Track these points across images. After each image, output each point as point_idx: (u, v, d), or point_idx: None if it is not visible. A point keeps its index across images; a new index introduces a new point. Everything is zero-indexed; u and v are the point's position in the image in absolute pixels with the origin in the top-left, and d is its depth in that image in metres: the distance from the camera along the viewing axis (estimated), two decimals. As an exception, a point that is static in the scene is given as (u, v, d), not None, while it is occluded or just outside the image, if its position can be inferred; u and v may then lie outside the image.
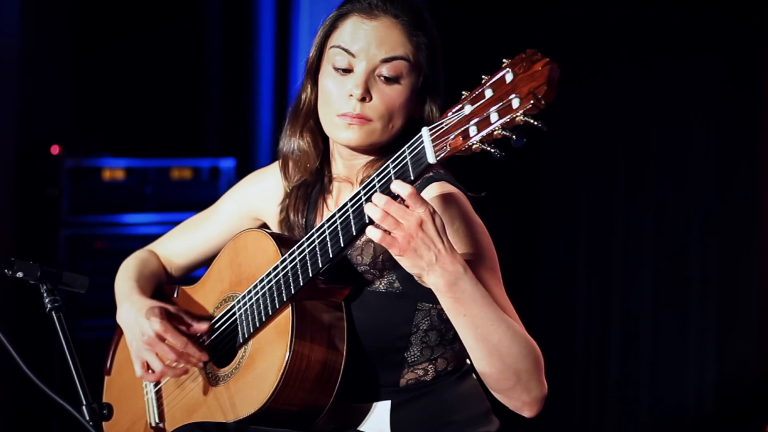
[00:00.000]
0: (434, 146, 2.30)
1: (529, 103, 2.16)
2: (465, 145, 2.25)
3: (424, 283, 2.42)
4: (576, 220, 5.57)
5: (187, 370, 2.76)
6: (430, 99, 2.65)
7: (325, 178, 2.75)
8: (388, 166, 2.38)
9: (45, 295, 2.64)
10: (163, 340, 2.73)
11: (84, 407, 2.51)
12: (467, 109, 2.25)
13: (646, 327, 5.34)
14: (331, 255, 2.48)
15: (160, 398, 2.88)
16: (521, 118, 2.18)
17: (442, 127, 2.29)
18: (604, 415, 5.49)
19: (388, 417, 2.63)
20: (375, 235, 2.37)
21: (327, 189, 2.76)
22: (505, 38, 5.29)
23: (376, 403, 2.64)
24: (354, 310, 2.61)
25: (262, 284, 2.61)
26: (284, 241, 2.64)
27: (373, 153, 2.66)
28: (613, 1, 5.40)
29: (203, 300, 2.83)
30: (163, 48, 6.06)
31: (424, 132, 2.32)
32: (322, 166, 2.75)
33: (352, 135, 2.60)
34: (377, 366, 2.62)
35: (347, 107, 2.59)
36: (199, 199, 5.57)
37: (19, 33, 5.28)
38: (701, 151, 5.23)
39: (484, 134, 2.22)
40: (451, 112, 2.29)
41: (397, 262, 2.41)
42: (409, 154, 2.34)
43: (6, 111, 5.24)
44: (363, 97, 2.58)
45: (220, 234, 2.95)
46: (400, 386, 2.63)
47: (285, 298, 2.55)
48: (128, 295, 2.86)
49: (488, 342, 2.41)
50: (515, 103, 2.18)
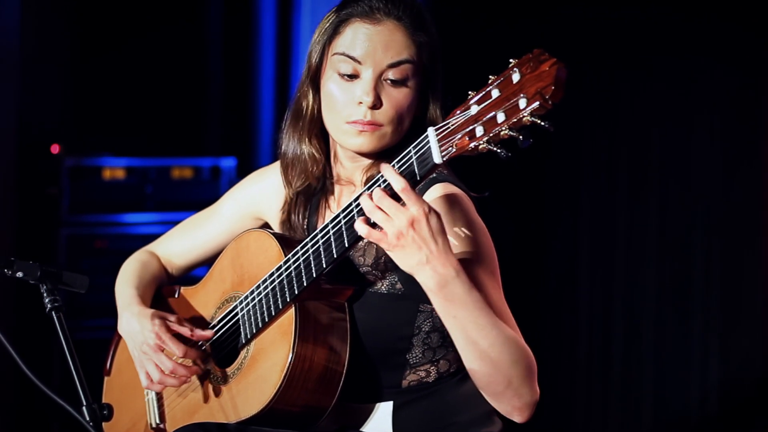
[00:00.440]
0: (440, 146, 2.29)
1: (536, 104, 2.15)
2: (471, 145, 2.24)
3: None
4: (579, 220, 5.57)
5: (189, 379, 2.75)
6: (432, 96, 2.65)
7: (327, 180, 2.75)
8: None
9: (45, 295, 2.64)
10: (162, 350, 2.72)
11: (84, 408, 2.50)
12: (474, 110, 2.25)
13: (649, 326, 5.34)
14: (335, 255, 2.47)
15: (160, 399, 2.88)
16: (528, 118, 2.17)
17: (449, 127, 2.28)
18: (607, 415, 5.48)
19: (390, 418, 2.62)
20: (362, 229, 2.35)
21: (329, 191, 2.75)
22: (507, 38, 5.29)
23: (378, 404, 2.63)
24: (356, 311, 2.60)
25: (265, 284, 2.60)
26: (287, 242, 2.63)
27: (379, 154, 2.65)
28: (615, 0, 5.39)
29: (205, 300, 2.82)
30: (163, 47, 6.05)
31: (430, 132, 2.31)
32: (324, 169, 2.74)
33: (364, 141, 2.60)
34: (379, 367, 2.61)
35: (357, 114, 2.58)
36: (200, 198, 5.56)
37: (19, 32, 5.27)
38: (704, 151, 5.23)
39: (491, 134, 2.21)
40: (458, 112, 2.27)
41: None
42: (415, 154, 2.33)
43: (6, 110, 5.24)
44: (374, 104, 2.57)
45: (221, 234, 2.94)
46: (403, 387, 2.63)
47: (288, 299, 2.55)
48: (128, 305, 2.85)
49: (477, 346, 2.40)
50: (522, 103, 2.17)
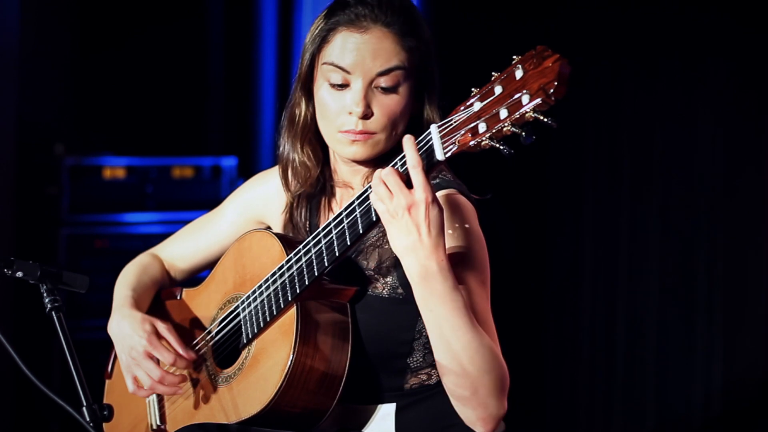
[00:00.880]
0: (443, 143, 2.29)
1: (538, 99, 2.15)
2: (474, 142, 2.23)
3: None
4: (581, 220, 5.56)
5: (179, 387, 2.73)
6: (428, 96, 2.63)
7: (327, 183, 2.74)
8: (396, 164, 2.36)
9: (45, 295, 2.63)
10: (151, 358, 2.71)
11: (84, 408, 2.49)
12: (476, 106, 2.24)
13: (653, 326, 5.32)
14: (338, 253, 2.46)
15: (161, 400, 2.87)
16: (531, 114, 2.17)
17: (451, 124, 2.28)
18: (610, 416, 5.47)
19: (393, 419, 2.61)
20: (373, 197, 2.36)
21: (329, 193, 2.75)
22: (510, 36, 5.28)
23: (381, 406, 2.63)
24: (357, 314, 2.59)
25: (267, 284, 2.59)
26: (289, 242, 2.62)
27: (376, 159, 2.63)
28: (618, -1, 5.39)
29: (207, 302, 2.81)
30: (164, 45, 6.05)
31: (433, 129, 2.31)
32: (323, 172, 2.73)
33: (358, 150, 2.59)
34: (381, 370, 2.60)
35: (349, 124, 2.57)
36: (201, 198, 5.57)
37: (19, 30, 5.27)
38: (707, 150, 5.21)
39: (494, 131, 2.21)
40: (461, 108, 2.27)
41: (401, 267, 2.40)
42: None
43: (6, 109, 5.24)
44: (365, 114, 2.56)
45: (223, 238, 2.94)
46: (405, 390, 2.62)
47: (290, 298, 2.54)
48: (120, 307, 2.84)
49: (449, 346, 2.39)
50: (525, 99, 2.17)
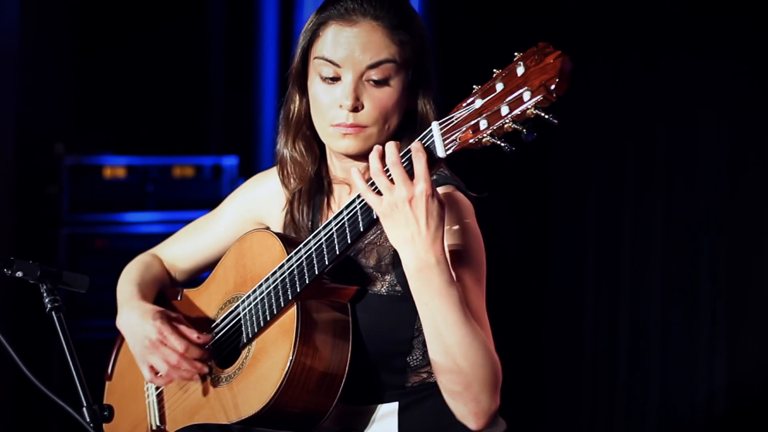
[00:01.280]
0: (444, 140, 2.29)
1: (540, 96, 2.16)
2: (475, 139, 2.24)
3: None
4: (584, 217, 5.55)
5: (193, 375, 2.73)
6: (423, 90, 2.62)
7: (325, 180, 2.74)
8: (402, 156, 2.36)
9: (45, 294, 2.62)
10: (165, 344, 2.70)
11: (84, 409, 2.49)
12: (478, 103, 2.24)
13: (655, 325, 5.32)
14: (338, 252, 2.46)
15: (161, 401, 2.87)
16: (532, 111, 2.17)
17: (453, 121, 2.28)
18: (613, 416, 5.46)
19: (396, 419, 2.60)
20: (360, 185, 2.35)
21: (328, 191, 2.75)
22: (513, 33, 5.28)
23: (382, 405, 2.62)
24: (357, 312, 2.58)
25: (267, 283, 2.59)
26: (290, 241, 2.62)
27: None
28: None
29: (207, 302, 2.81)
30: (165, 44, 6.05)
31: (434, 126, 2.31)
32: (320, 169, 2.74)
33: (350, 143, 2.59)
34: (381, 369, 2.60)
35: (340, 117, 2.57)
36: (201, 197, 5.57)
37: (19, 30, 5.27)
38: (711, 149, 5.21)
39: (495, 128, 2.21)
40: (463, 105, 2.27)
41: (399, 265, 2.40)
42: (419, 148, 2.33)
43: (6, 108, 5.24)
44: (355, 107, 2.55)
45: (223, 238, 2.93)
46: (407, 388, 2.61)
47: (290, 297, 2.53)
48: (128, 300, 2.84)
49: (443, 339, 2.39)
50: (526, 95, 2.17)
